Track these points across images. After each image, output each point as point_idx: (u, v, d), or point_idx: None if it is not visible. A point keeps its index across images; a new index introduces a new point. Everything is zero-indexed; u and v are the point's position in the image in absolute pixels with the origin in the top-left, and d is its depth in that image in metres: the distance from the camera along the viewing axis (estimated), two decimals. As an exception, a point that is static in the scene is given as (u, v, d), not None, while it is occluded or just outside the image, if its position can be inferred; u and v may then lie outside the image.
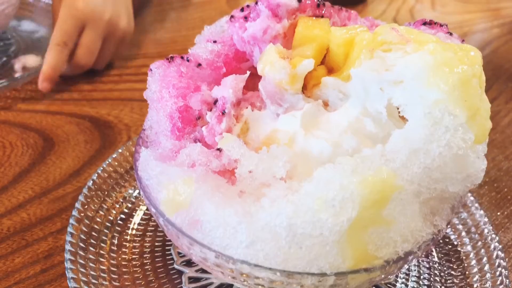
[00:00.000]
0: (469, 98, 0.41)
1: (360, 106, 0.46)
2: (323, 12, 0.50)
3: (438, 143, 0.41)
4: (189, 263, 0.59)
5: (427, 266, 0.62)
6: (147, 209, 0.66)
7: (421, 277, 0.60)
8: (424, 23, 0.50)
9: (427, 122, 0.41)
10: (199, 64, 0.51)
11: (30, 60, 0.98)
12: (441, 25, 0.49)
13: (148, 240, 0.62)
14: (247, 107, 0.50)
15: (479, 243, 0.63)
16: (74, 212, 0.61)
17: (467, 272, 0.60)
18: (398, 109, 0.44)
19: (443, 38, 0.47)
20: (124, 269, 0.58)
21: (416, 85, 0.42)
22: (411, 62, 0.42)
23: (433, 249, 0.64)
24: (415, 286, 0.59)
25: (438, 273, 0.61)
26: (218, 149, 0.46)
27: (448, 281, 0.60)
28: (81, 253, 0.57)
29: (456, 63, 0.41)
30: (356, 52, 0.46)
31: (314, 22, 0.49)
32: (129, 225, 0.64)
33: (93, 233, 0.61)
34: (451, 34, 0.48)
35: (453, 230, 0.66)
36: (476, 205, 0.67)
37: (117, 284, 0.56)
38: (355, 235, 0.41)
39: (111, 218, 0.64)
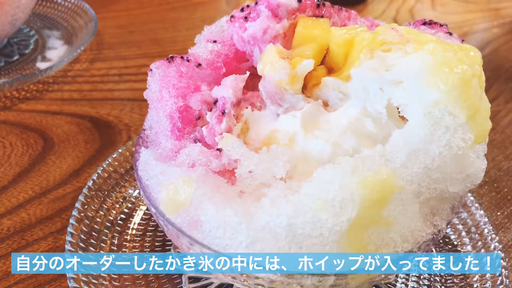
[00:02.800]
0: (469, 98, 0.41)
1: (360, 106, 0.46)
2: (323, 12, 0.50)
3: (438, 143, 0.41)
4: (189, 263, 0.59)
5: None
6: (147, 209, 0.66)
7: (421, 277, 0.60)
8: (424, 23, 0.50)
9: (427, 122, 0.41)
10: (199, 64, 0.51)
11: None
12: (441, 25, 0.49)
13: (148, 240, 0.62)
14: (247, 107, 0.50)
15: (479, 243, 0.63)
16: (74, 212, 0.61)
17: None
18: (398, 109, 0.44)
19: (443, 38, 0.47)
20: (124, 269, 0.58)
21: (416, 85, 0.42)
22: (410, 62, 0.42)
23: (433, 249, 0.64)
24: (415, 286, 0.59)
25: (438, 273, 0.61)
26: (218, 149, 0.46)
27: (448, 281, 0.60)
28: (81, 253, 0.57)
29: (456, 63, 0.41)
30: (356, 52, 0.45)
31: (314, 22, 0.49)
32: (129, 225, 0.64)
33: (93, 233, 0.61)
34: (451, 34, 0.48)
35: (453, 230, 0.66)
36: (476, 205, 0.67)
37: (117, 284, 0.56)
38: (355, 235, 0.41)
39: (111, 218, 0.64)
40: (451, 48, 0.42)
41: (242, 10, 0.52)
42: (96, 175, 0.67)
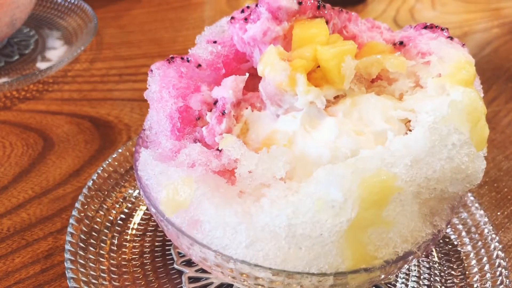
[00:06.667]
0: (472, 112, 0.42)
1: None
2: (324, 14, 0.50)
3: (440, 156, 0.41)
4: (189, 263, 0.59)
5: (427, 266, 0.62)
6: (147, 209, 0.66)
7: (421, 277, 0.60)
8: (425, 27, 0.50)
9: (431, 135, 0.41)
10: (199, 65, 0.51)
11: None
12: (442, 29, 0.49)
13: (148, 240, 0.62)
14: (247, 108, 0.50)
15: (479, 243, 0.63)
16: (74, 212, 0.61)
17: (467, 272, 0.60)
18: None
19: (444, 43, 0.47)
20: (124, 269, 0.58)
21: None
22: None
23: (433, 249, 0.64)
24: (415, 286, 0.59)
25: (438, 273, 0.61)
26: (218, 149, 0.46)
27: (448, 281, 0.60)
28: (81, 253, 0.57)
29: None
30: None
31: (310, 22, 0.49)
32: (129, 225, 0.64)
33: (93, 233, 0.61)
34: (451, 38, 0.48)
35: (453, 230, 0.66)
36: (476, 205, 0.67)
37: (117, 284, 0.56)
38: (354, 235, 0.41)
39: (111, 218, 0.64)
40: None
41: (242, 11, 0.52)
42: (96, 175, 0.67)
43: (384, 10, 1.35)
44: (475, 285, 0.58)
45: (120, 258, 0.59)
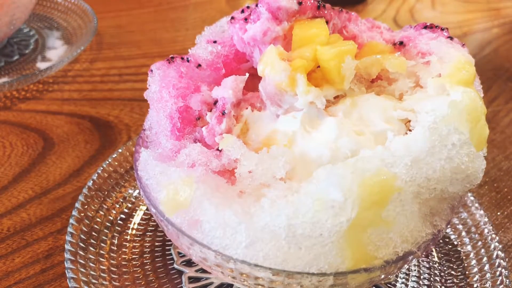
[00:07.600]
0: (472, 112, 0.42)
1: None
2: (324, 14, 0.50)
3: (439, 156, 0.41)
4: (189, 263, 0.59)
5: (427, 266, 0.62)
6: (147, 209, 0.66)
7: (421, 277, 0.60)
8: (425, 27, 0.50)
9: (430, 135, 0.41)
10: (199, 65, 0.51)
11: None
12: (442, 29, 0.49)
13: (148, 240, 0.62)
14: (247, 108, 0.50)
15: (479, 243, 0.63)
16: (74, 212, 0.61)
17: (467, 272, 0.60)
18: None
19: (444, 43, 0.47)
20: (124, 269, 0.58)
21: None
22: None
23: (433, 249, 0.64)
24: (415, 286, 0.59)
25: (438, 273, 0.61)
26: (218, 149, 0.46)
27: (448, 281, 0.60)
28: (81, 253, 0.57)
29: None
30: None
31: (310, 22, 0.49)
32: (129, 225, 0.64)
33: (93, 233, 0.61)
34: (451, 38, 0.48)
35: (453, 230, 0.66)
36: (476, 205, 0.67)
37: (117, 284, 0.56)
38: (354, 235, 0.41)
39: (111, 218, 0.64)
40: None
41: (242, 11, 0.52)
42: (96, 175, 0.67)
43: (384, 10, 1.35)
44: (475, 285, 0.59)
45: (120, 258, 0.59)
